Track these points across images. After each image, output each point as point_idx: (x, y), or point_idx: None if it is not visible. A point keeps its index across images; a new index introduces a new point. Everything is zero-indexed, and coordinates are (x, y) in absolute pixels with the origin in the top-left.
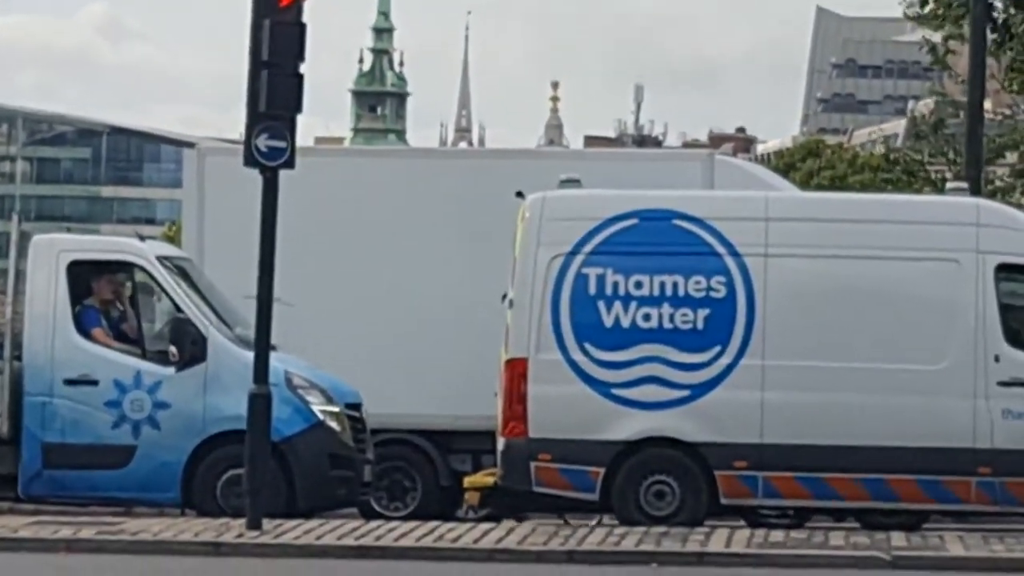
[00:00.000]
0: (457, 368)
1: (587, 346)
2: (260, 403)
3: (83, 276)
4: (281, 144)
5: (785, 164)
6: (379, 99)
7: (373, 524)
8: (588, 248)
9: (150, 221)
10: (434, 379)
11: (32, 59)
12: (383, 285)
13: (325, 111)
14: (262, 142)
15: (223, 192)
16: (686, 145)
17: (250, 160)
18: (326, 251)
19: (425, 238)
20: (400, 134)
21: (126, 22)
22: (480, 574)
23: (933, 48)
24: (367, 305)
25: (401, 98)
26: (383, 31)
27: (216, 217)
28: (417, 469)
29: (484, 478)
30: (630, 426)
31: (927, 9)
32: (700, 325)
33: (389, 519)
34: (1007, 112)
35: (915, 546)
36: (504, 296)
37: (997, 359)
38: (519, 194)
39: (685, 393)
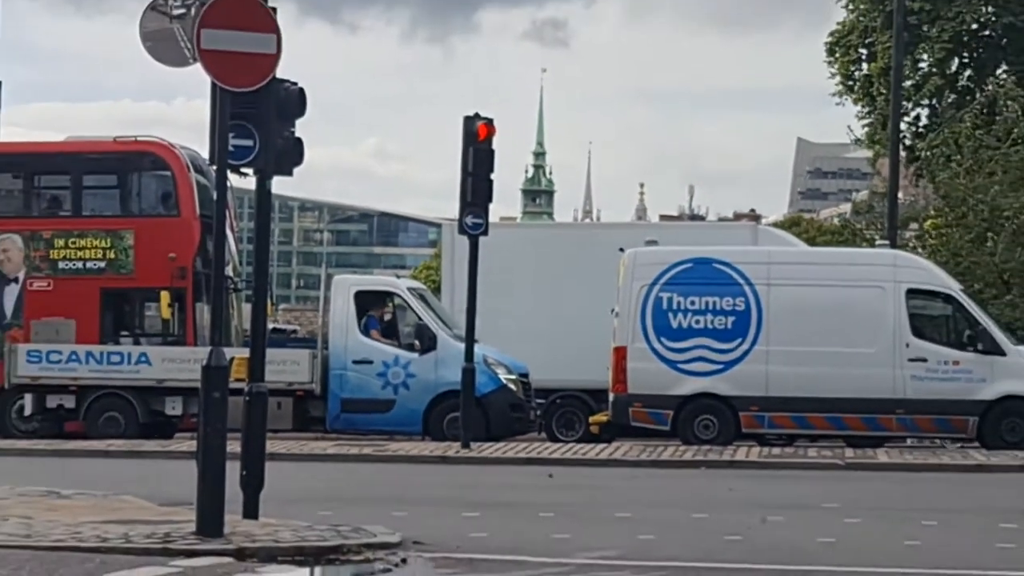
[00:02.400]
0: (600, 352)
1: (662, 339)
2: (469, 374)
3: (364, 299)
4: (480, 221)
5: None
6: (537, 194)
7: (537, 444)
8: (663, 281)
9: (403, 267)
10: (588, 359)
11: (330, 173)
12: (551, 304)
13: (505, 201)
14: (468, 220)
15: (463, 252)
16: (721, 220)
17: (461, 231)
18: (513, 284)
19: (569, 276)
20: (550, 215)
21: (389, 148)
22: (598, 474)
23: (870, 161)
24: (543, 317)
25: (550, 194)
26: (539, 154)
27: (460, 267)
28: (581, 412)
29: (601, 416)
30: (688, 386)
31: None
32: (730, 326)
33: (560, 442)
34: (912, 198)
35: (859, 456)
36: (612, 309)
37: (907, 345)
38: (621, 250)
39: (721, 366)
